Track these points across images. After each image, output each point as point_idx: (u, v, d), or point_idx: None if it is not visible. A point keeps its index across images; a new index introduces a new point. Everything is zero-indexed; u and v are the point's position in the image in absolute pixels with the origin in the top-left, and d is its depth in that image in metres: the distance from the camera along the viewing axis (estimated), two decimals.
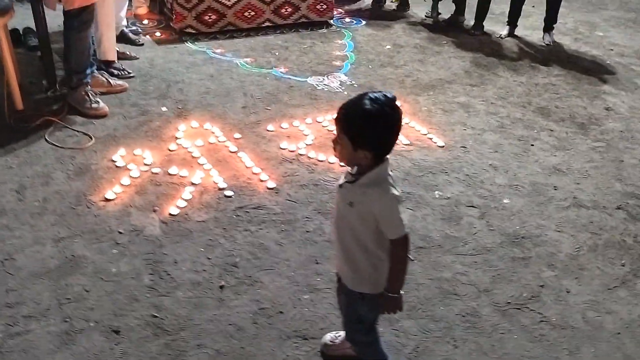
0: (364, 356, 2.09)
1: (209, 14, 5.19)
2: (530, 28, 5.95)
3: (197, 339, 2.27)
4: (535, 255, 2.82)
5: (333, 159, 3.45)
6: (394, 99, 1.72)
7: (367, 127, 1.68)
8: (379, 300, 1.91)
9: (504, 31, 5.76)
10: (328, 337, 2.26)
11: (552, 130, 4.00)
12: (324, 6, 5.63)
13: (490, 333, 2.37)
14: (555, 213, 3.14)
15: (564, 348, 2.32)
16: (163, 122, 3.77)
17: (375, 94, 1.70)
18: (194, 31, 5.19)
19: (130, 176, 3.18)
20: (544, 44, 5.61)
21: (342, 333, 2.24)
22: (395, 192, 1.77)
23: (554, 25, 5.68)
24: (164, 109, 3.92)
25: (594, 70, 5.08)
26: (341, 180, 1.87)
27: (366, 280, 1.90)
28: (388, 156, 1.78)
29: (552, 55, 5.36)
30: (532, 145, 3.81)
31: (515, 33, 5.76)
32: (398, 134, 1.75)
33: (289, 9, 5.49)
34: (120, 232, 2.79)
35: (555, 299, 2.56)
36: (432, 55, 5.16)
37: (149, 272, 2.57)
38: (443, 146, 3.71)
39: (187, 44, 5.03)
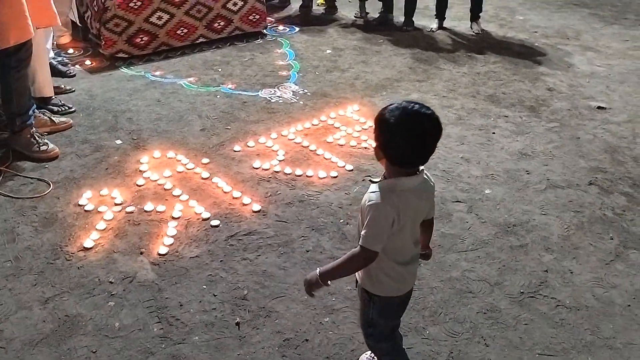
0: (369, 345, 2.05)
1: (141, 36, 4.96)
2: (456, 19, 6.13)
3: None
4: (530, 242, 2.88)
5: (311, 172, 3.38)
6: (424, 114, 1.65)
7: (382, 134, 1.67)
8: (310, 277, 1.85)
9: (434, 25, 5.90)
10: (363, 358, 2.19)
11: (506, 117, 4.12)
12: (257, 17, 5.54)
13: (515, 326, 2.39)
14: (535, 197, 3.24)
15: (586, 329, 2.39)
16: (121, 156, 3.54)
17: (411, 105, 1.66)
18: (126, 55, 4.94)
19: (104, 219, 2.97)
20: (473, 33, 5.80)
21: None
22: (389, 208, 1.67)
23: (480, 15, 5.88)
24: (118, 141, 3.69)
25: (526, 53, 5.31)
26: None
27: (370, 278, 1.85)
28: (416, 175, 1.72)
29: (484, 43, 5.55)
30: (494, 133, 3.92)
31: (444, 25, 5.92)
32: (421, 148, 1.65)
33: (222, 23, 5.36)
34: (111, 282, 2.58)
35: (562, 282, 2.63)
36: (373, 55, 5.20)
37: (156, 320, 2.39)
38: None
39: (122, 70, 4.78)
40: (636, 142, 3.82)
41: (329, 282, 1.80)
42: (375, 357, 2.17)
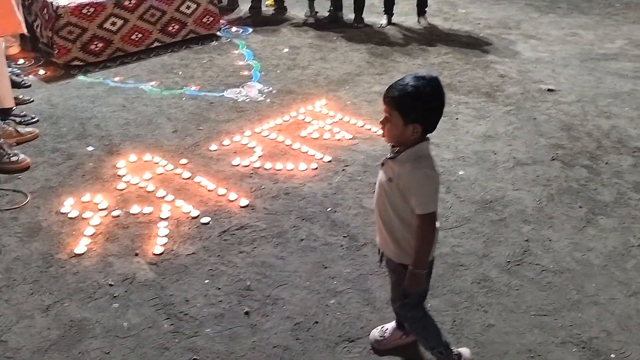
0: (416, 333, 2.18)
1: (95, 43, 4.88)
2: (403, 14, 6.34)
3: None
4: (508, 215, 3.06)
5: (291, 166, 3.45)
6: (437, 78, 1.83)
7: (419, 101, 1.78)
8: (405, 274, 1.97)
9: (383, 20, 6.09)
10: (376, 333, 2.29)
11: (466, 103, 4.33)
12: (210, 19, 5.55)
13: (507, 292, 2.55)
14: (506, 174, 3.43)
15: (572, 289, 2.57)
16: (96, 162, 3.50)
17: (422, 74, 1.81)
18: (81, 63, 4.86)
19: (91, 224, 2.94)
20: (420, 27, 6.01)
21: (389, 325, 2.29)
22: (430, 171, 1.84)
23: (426, 9, 6.11)
24: (90, 148, 3.64)
25: (473, 44, 5.57)
26: (384, 159, 1.94)
27: (408, 252, 1.96)
28: (429, 136, 1.86)
29: (433, 36, 5.77)
30: (457, 118, 4.10)
31: (393, 21, 6.11)
32: (443, 110, 1.84)
33: (176, 26, 5.34)
34: (111, 285, 2.57)
35: (543, 249, 2.82)
36: (330, 52, 5.31)
37: (164, 317, 2.40)
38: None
39: (79, 77, 4.69)
40: (587, 119, 4.10)
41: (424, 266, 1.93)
42: (387, 329, 2.26)
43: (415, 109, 1.79)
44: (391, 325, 2.28)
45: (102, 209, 3.05)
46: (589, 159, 3.59)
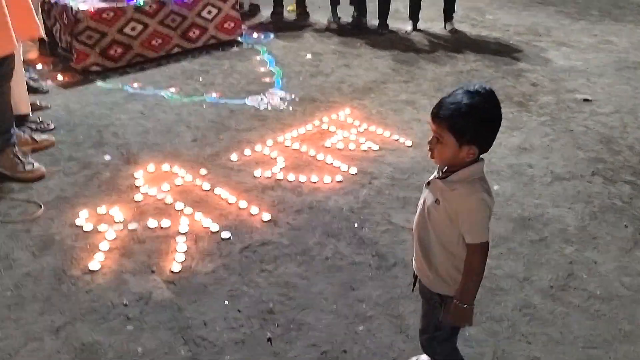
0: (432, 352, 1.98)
1: (115, 48, 4.77)
2: (429, 20, 6.16)
3: None
4: (549, 235, 2.86)
5: (315, 178, 3.28)
6: (493, 92, 1.64)
7: (475, 120, 1.59)
8: (448, 307, 1.80)
9: (409, 27, 5.91)
10: None
11: None
12: (232, 24, 5.42)
13: (552, 321, 2.35)
14: (544, 190, 3.23)
15: (622, 318, 2.37)
16: (112, 171, 3.36)
17: (476, 88, 1.62)
18: (99, 68, 4.74)
19: (107, 239, 2.79)
20: (447, 34, 5.82)
21: (423, 357, 2.10)
22: (486, 196, 1.67)
23: (453, 15, 5.92)
24: (107, 157, 3.50)
25: (503, 51, 5.36)
26: (431, 177, 1.76)
27: (446, 281, 1.78)
28: (482, 156, 1.68)
29: (460, 43, 5.58)
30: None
31: (418, 27, 5.93)
32: (499, 127, 1.66)
33: (197, 32, 5.21)
34: (125, 305, 2.41)
35: (588, 273, 2.61)
36: (354, 59, 5.15)
37: (181, 342, 2.24)
38: (411, 145, 3.68)
39: (97, 83, 4.57)
40: (627, 131, 3.88)
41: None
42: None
43: (471, 129, 1.59)
44: (425, 357, 2.09)
45: (118, 222, 2.91)
46: (632, 175, 3.37)
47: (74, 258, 2.67)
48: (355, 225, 2.92)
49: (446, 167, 1.70)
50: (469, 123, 1.58)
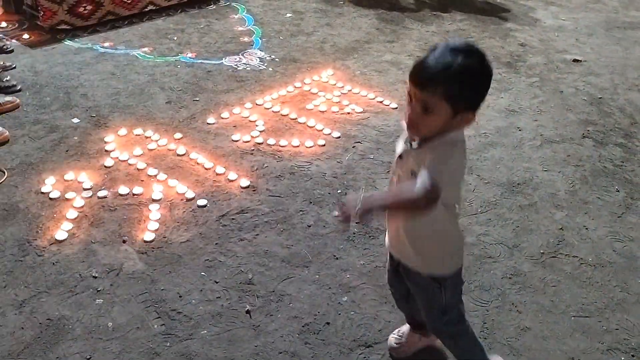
0: (456, 349, 1.85)
1: (84, 5, 4.49)
2: None
3: None
4: (539, 200, 2.76)
5: (296, 142, 3.13)
6: (478, 47, 1.44)
7: (473, 84, 1.40)
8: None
9: None
10: (393, 340, 2.00)
11: None
12: None
13: (543, 289, 2.26)
14: (533, 154, 3.12)
15: (615, 285, 2.29)
16: (81, 135, 3.17)
17: (462, 44, 1.41)
18: (68, 27, 4.48)
19: (75, 207, 2.63)
20: None
21: (404, 328, 2.00)
22: (463, 154, 1.49)
23: None
24: (75, 120, 3.31)
25: (490, 10, 5.18)
26: (399, 149, 1.56)
27: (436, 259, 1.64)
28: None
29: (446, 1, 5.38)
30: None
31: None
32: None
33: None
34: (94, 277, 2.27)
35: (579, 239, 2.52)
36: (336, 18, 4.93)
37: (154, 315, 2.11)
38: (396, 107, 3.53)
39: (66, 42, 4.32)
40: (618, 92, 3.77)
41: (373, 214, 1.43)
42: (403, 333, 1.98)
43: (469, 93, 1.40)
44: (406, 328, 1.98)
45: (86, 189, 2.74)
46: (623, 137, 3.27)
47: (39, 227, 2.51)
48: (339, 191, 2.78)
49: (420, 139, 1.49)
50: (466, 87, 1.38)
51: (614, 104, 3.62)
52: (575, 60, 4.20)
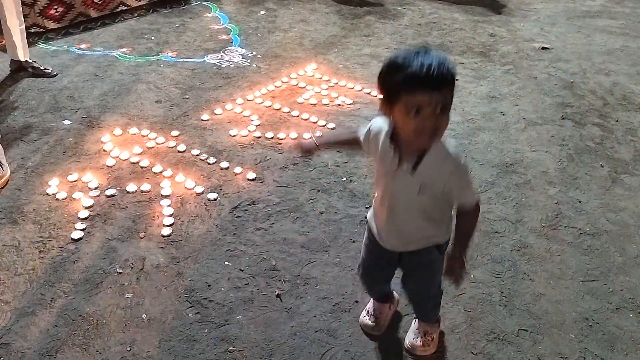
0: (432, 311, 1.99)
1: (55, 7, 4.43)
2: None
3: (294, 356, 1.96)
4: (532, 177, 2.92)
5: (294, 134, 3.19)
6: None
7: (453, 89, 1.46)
8: (446, 260, 1.72)
9: None
10: (367, 319, 2.06)
11: (463, 63, 4.15)
12: None
13: (550, 258, 2.41)
14: (519, 135, 3.29)
15: (614, 251, 2.46)
16: (76, 137, 3.15)
17: (427, 47, 1.45)
18: (40, 30, 4.40)
19: (84, 206, 2.61)
20: None
21: (370, 306, 2.11)
22: (463, 158, 1.58)
23: None
24: (67, 122, 3.27)
25: (457, 2, 5.37)
26: (387, 168, 1.60)
27: (443, 227, 1.74)
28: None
29: None
30: (457, 79, 3.91)
31: None
32: None
33: None
34: (119, 272, 2.28)
35: (575, 212, 2.69)
36: (309, 14, 5.02)
37: (187, 305, 2.14)
38: None
39: (39, 45, 4.24)
40: (587, 77, 4.00)
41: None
42: (372, 311, 2.08)
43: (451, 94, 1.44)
44: (374, 305, 2.08)
45: (93, 189, 2.73)
46: (598, 117, 3.48)
47: (51, 228, 2.49)
48: (344, 179, 2.87)
49: (412, 153, 1.54)
50: (451, 91, 1.44)
51: (585, 87, 3.84)
52: (543, 48, 4.42)
